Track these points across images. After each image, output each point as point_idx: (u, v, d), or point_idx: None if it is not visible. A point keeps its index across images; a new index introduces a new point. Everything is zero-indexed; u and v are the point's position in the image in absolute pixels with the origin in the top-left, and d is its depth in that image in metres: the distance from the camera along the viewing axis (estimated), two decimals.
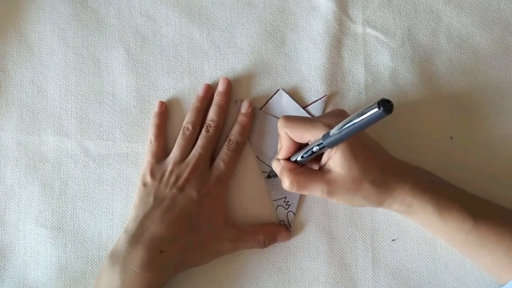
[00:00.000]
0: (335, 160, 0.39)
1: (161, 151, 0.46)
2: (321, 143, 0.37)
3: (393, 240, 0.46)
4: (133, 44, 0.49)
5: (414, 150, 0.46)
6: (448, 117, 0.47)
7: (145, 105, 0.48)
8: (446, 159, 0.46)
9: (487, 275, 0.45)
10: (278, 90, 0.48)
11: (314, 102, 0.47)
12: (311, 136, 0.39)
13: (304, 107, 0.47)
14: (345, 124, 0.34)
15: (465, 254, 0.43)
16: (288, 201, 0.46)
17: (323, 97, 0.47)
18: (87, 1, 0.49)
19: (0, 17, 0.49)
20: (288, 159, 0.42)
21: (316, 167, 0.41)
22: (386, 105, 0.31)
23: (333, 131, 0.36)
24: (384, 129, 0.46)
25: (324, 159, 0.40)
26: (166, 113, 0.48)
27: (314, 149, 0.39)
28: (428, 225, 0.42)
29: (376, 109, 0.31)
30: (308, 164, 0.42)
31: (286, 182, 0.40)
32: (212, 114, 0.46)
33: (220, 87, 0.47)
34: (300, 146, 0.41)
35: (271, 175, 0.46)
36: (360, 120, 0.33)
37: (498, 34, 0.48)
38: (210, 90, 0.48)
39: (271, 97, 0.48)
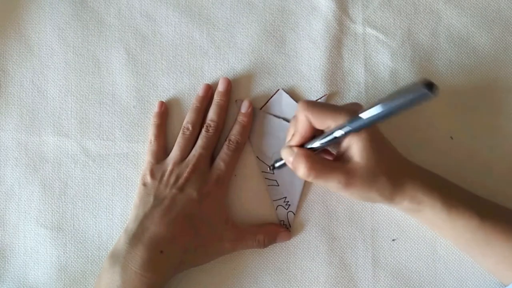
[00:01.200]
0: (354, 150, 0.38)
1: (161, 151, 0.46)
2: (347, 129, 0.36)
3: (393, 240, 0.46)
4: (133, 44, 0.49)
5: (414, 150, 0.46)
6: (448, 117, 0.47)
7: (145, 105, 0.48)
8: (446, 159, 0.46)
9: (488, 275, 0.45)
10: (278, 90, 0.48)
11: None
12: (334, 122, 0.38)
13: None
14: (381, 104, 0.32)
15: (470, 253, 0.43)
16: (288, 201, 0.46)
17: (323, 96, 0.47)
18: (87, 1, 0.49)
19: (0, 17, 0.49)
20: (301, 146, 0.40)
21: (328, 157, 0.41)
22: (432, 86, 0.28)
23: (365, 114, 0.34)
24: (384, 129, 0.46)
25: (342, 147, 0.39)
26: (166, 113, 0.48)
27: (337, 134, 0.37)
28: (435, 223, 0.41)
29: (424, 90, 0.28)
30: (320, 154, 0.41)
31: (301, 170, 0.38)
32: (212, 114, 0.46)
33: (220, 87, 0.47)
34: (314, 135, 0.40)
35: (275, 166, 0.43)
36: (401, 102, 0.30)
37: (498, 34, 0.48)
38: (210, 90, 0.48)
39: (271, 97, 0.48)
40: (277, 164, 0.43)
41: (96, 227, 0.47)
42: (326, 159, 0.40)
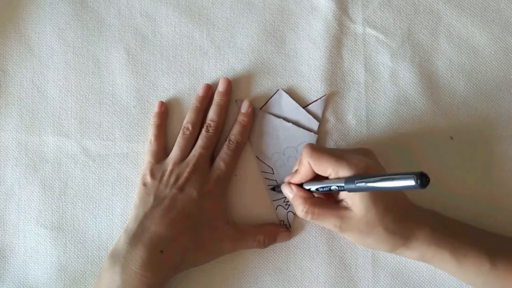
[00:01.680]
0: (353, 201, 0.38)
1: (161, 151, 0.46)
2: (342, 186, 0.37)
3: None
4: (133, 44, 0.49)
5: (414, 150, 0.46)
6: (448, 117, 0.47)
7: (145, 105, 0.48)
8: (446, 159, 0.46)
9: None
10: (278, 90, 0.48)
11: (314, 101, 0.47)
12: (334, 172, 0.38)
13: (304, 107, 0.47)
14: (373, 181, 0.33)
15: None
16: (288, 201, 0.46)
17: (323, 96, 0.47)
18: (87, 1, 0.49)
19: (0, 17, 0.49)
20: (300, 184, 0.42)
21: (326, 198, 0.42)
22: (423, 179, 0.29)
23: (359, 182, 0.35)
24: (385, 130, 0.46)
25: (342, 195, 0.40)
26: (166, 113, 0.48)
27: (333, 188, 0.38)
28: (446, 270, 0.41)
29: (413, 182, 0.29)
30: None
31: (300, 210, 0.40)
32: (212, 114, 0.46)
33: (220, 87, 0.47)
34: (316, 176, 0.41)
35: (277, 190, 0.46)
36: (391, 185, 0.32)
37: (498, 34, 0.48)
38: (210, 90, 0.48)
39: (271, 97, 0.48)
40: (278, 189, 0.45)
41: (96, 227, 0.47)
42: (326, 201, 0.41)
